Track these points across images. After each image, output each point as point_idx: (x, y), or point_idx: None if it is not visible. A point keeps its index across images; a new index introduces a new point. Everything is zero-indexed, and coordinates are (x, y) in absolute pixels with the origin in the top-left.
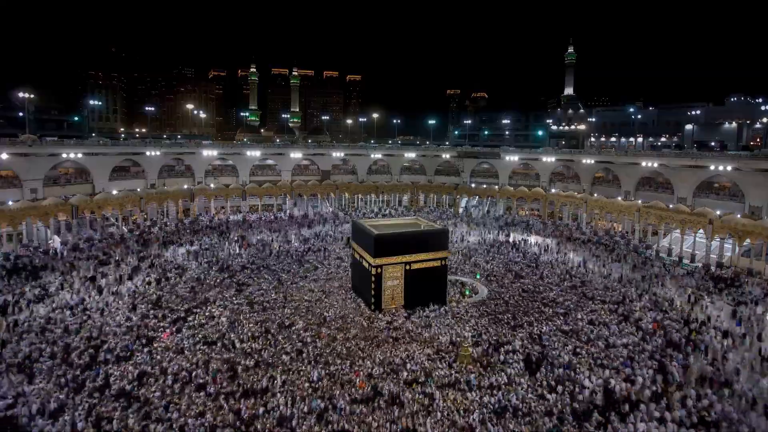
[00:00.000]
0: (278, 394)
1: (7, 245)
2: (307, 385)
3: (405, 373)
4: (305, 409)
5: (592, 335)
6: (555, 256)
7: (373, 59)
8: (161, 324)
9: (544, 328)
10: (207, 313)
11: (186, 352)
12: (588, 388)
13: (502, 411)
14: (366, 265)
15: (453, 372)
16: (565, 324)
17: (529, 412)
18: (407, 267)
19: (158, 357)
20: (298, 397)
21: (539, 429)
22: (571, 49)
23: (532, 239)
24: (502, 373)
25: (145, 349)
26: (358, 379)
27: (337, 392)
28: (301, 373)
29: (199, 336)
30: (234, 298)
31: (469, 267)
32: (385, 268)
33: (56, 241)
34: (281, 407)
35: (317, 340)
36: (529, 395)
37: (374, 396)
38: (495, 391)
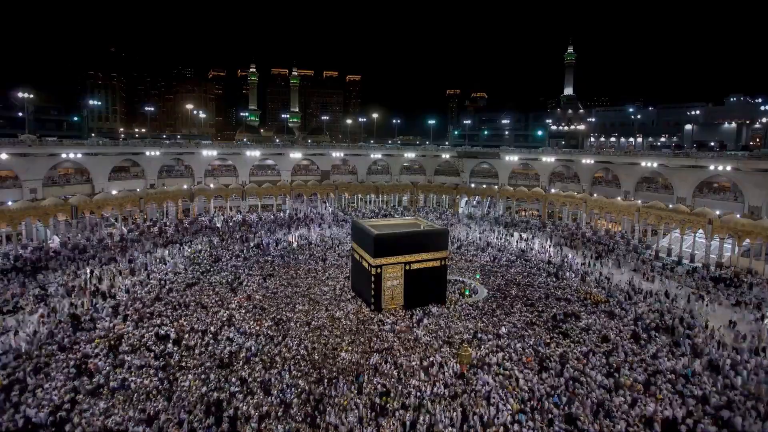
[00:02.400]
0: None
1: (7, 245)
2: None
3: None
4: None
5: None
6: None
7: (373, 59)
8: None
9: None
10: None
11: None
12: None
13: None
14: (366, 265)
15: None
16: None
17: None
18: (407, 267)
19: None
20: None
21: None
22: (570, 49)
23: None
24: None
25: None
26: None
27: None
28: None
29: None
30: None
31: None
32: (385, 268)
33: (56, 242)
34: None
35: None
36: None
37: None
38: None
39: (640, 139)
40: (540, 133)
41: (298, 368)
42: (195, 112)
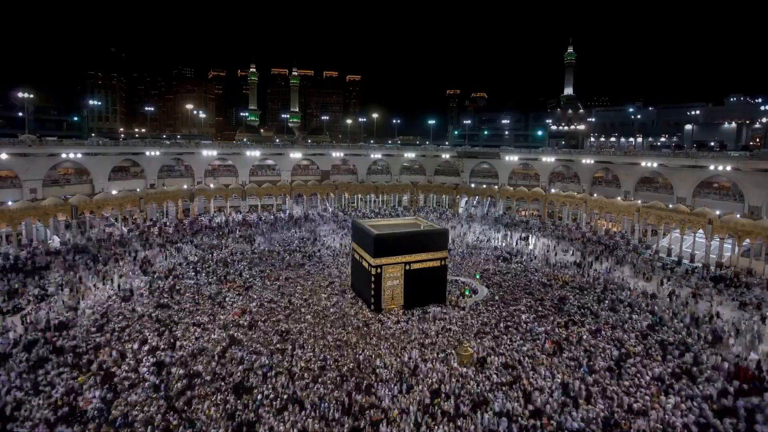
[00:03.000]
0: None
1: (6, 245)
2: None
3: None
4: None
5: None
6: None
7: (373, 59)
8: None
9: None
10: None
11: None
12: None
13: None
14: (366, 265)
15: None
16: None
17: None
18: (407, 267)
19: None
20: None
21: None
22: (570, 49)
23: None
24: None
25: None
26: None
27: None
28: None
29: None
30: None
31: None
32: (385, 268)
33: (56, 242)
34: None
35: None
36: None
37: None
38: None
39: (640, 139)
40: (540, 133)
41: (330, 379)
42: (195, 112)
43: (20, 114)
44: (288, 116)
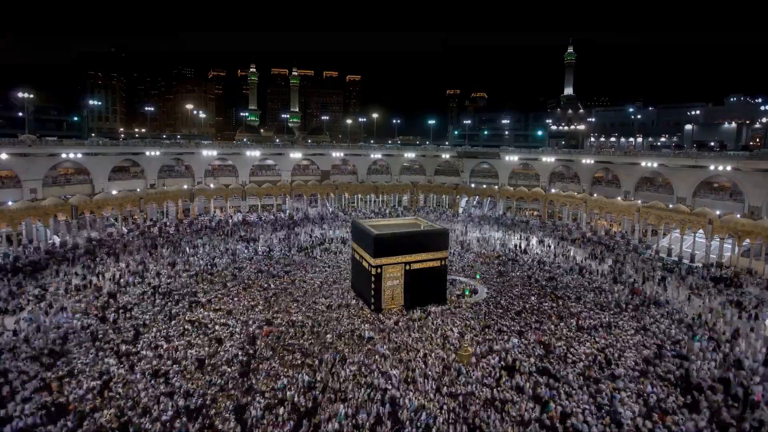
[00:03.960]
0: None
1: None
2: None
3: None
4: None
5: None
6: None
7: (373, 59)
8: None
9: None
10: None
11: None
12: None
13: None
14: (366, 265)
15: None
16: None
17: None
18: (407, 267)
19: None
20: None
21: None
22: (570, 49)
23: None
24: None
25: None
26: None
27: None
28: None
29: None
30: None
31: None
32: (385, 268)
33: (56, 242)
34: None
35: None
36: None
37: None
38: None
39: (640, 139)
40: (540, 133)
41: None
42: (195, 112)
43: (20, 114)
44: (288, 116)
